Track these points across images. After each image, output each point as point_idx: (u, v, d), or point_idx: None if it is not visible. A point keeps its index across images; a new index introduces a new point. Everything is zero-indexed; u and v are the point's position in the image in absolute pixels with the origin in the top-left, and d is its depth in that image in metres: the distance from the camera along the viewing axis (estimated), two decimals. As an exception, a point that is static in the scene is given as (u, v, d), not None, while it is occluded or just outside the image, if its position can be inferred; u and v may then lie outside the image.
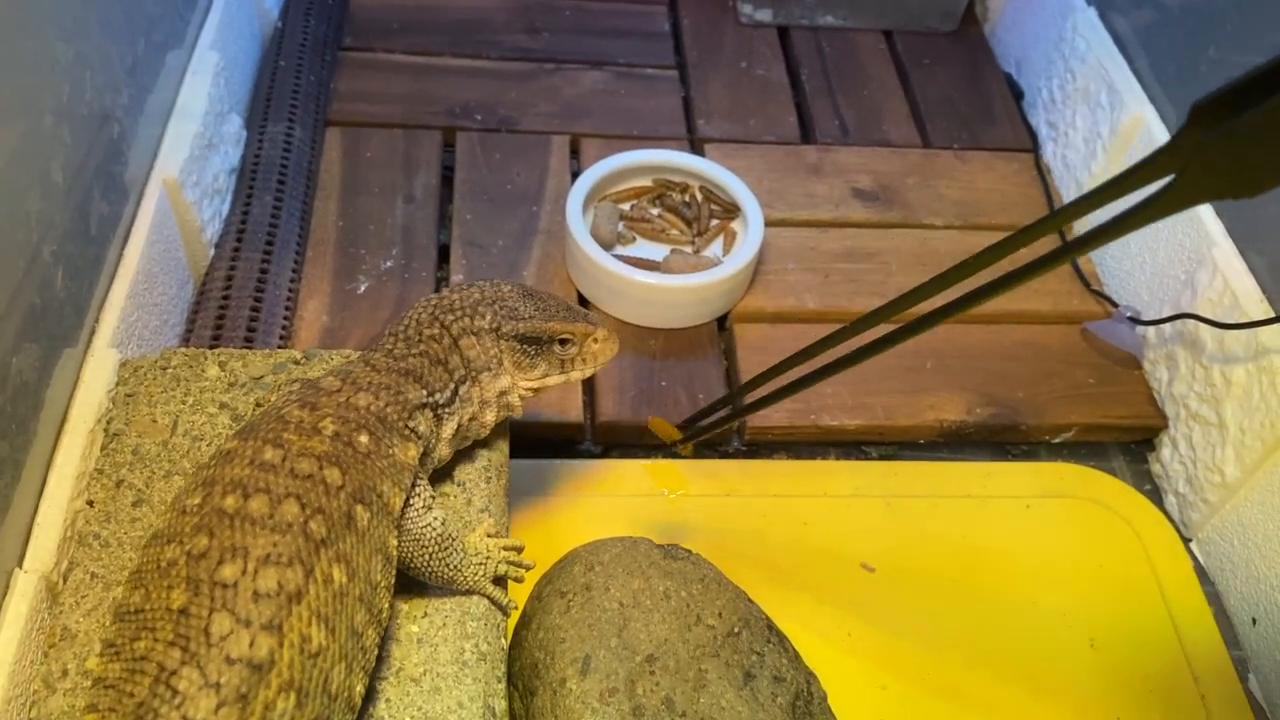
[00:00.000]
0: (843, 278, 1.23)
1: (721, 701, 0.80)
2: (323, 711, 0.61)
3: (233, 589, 0.59)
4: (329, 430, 0.68)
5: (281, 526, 0.62)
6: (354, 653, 0.64)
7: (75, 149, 0.86)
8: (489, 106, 1.38)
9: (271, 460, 0.65)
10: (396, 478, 0.71)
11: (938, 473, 1.09)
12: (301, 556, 0.61)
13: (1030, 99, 1.48)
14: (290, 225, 1.19)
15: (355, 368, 0.76)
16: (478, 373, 0.80)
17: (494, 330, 0.80)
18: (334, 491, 0.65)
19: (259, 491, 0.63)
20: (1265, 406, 0.98)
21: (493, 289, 0.83)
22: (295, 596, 0.60)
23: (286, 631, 0.59)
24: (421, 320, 0.79)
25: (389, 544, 0.69)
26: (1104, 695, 0.93)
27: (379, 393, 0.73)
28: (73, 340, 0.86)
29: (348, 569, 0.64)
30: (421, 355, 0.77)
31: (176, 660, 0.57)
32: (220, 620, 0.58)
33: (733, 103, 1.44)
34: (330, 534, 0.64)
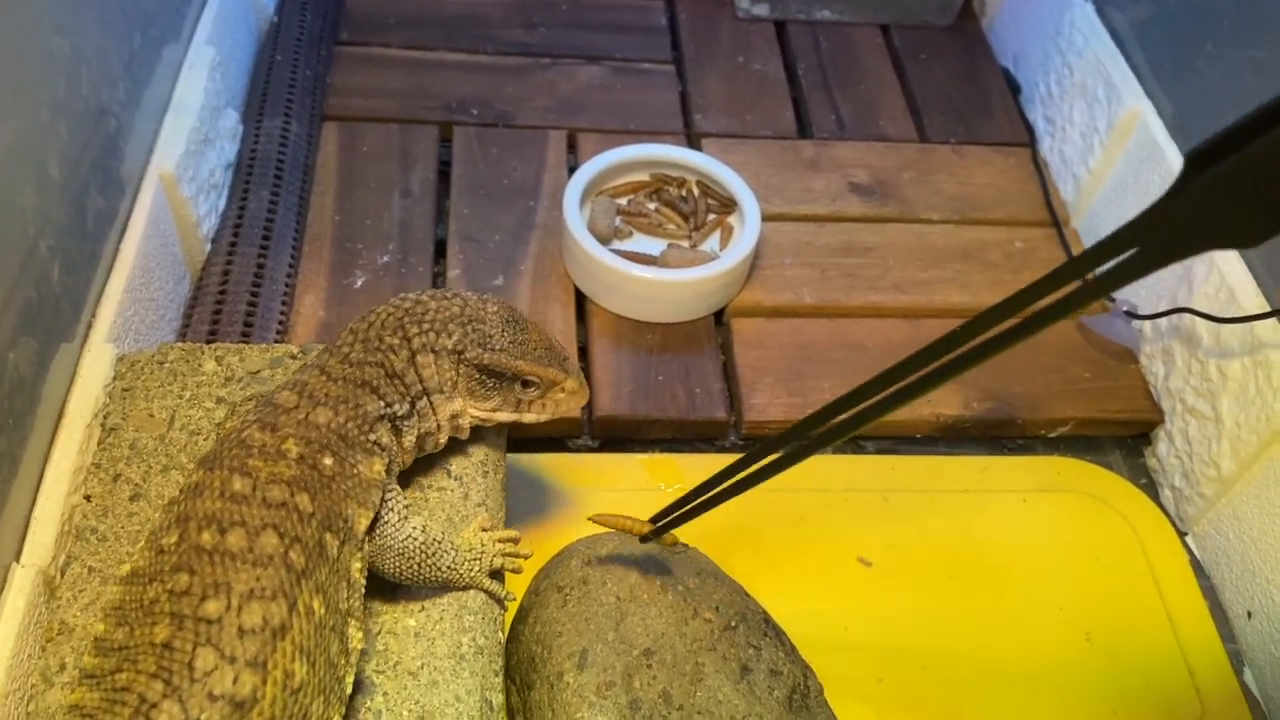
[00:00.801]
0: (840, 272, 1.23)
1: (718, 695, 0.80)
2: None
3: (217, 624, 0.58)
4: (293, 453, 0.67)
5: (262, 560, 0.61)
6: (331, 684, 0.63)
7: (71, 144, 0.86)
8: (486, 101, 1.38)
9: (242, 491, 0.64)
10: (362, 498, 0.69)
11: (934, 467, 1.09)
12: (285, 589, 0.61)
13: (1027, 93, 1.48)
14: (287, 220, 1.19)
15: (310, 377, 0.72)
16: (431, 393, 0.77)
17: (456, 352, 0.76)
18: (306, 519, 0.64)
19: (235, 525, 0.62)
20: (1261, 401, 0.98)
21: (477, 305, 0.78)
22: (280, 631, 0.59)
23: (271, 668, 0.58)
24: (386, 324, 0.75)
25: (353, 569, 0.67)
26: (1100, 689, 0.94)
27: (338, 407, 0.71)
28: (69, 335, 0.86)
29: (325, 600, 0.63)
30: (377, 366, 0.74)
31: (158, 693, 0.56)
32: (205, 656, 0.57)
33: (730, 97, 1.44)
34: (309, 564, 0.63)
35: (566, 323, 1.15)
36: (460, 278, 1.18)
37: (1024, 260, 1.27)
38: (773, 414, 1.09)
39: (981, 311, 0.55)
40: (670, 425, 1.09)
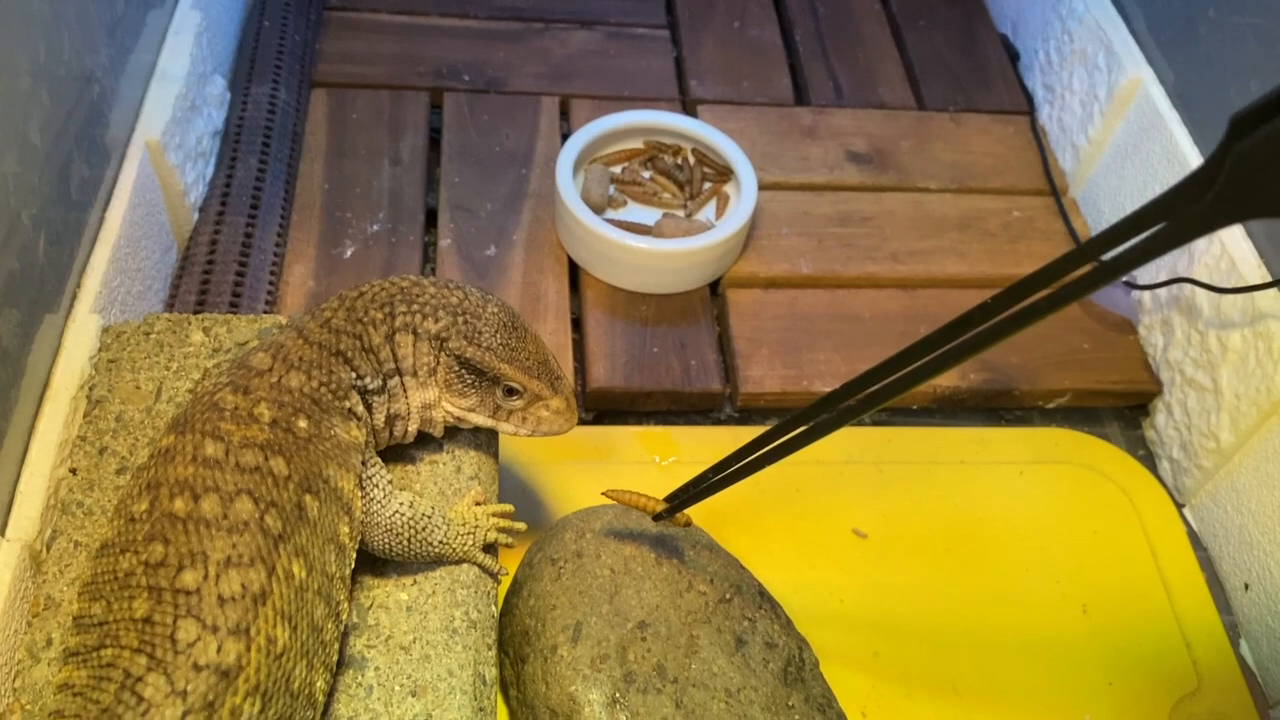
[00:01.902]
0: (837, 242, 1.22)
1: (713, 668, 0.79)
2: (285, 711, 0.60)
3: (196, 595, 0.57)
4: (266, 417, 0.65)
5: (238, 526, 0.60)
6: (314, 648, 0.62)
7: (54, 111, 0.84)
8: (477, 67, 1.36)
9: (214, 455, 0.63)
10: (342, 459, 0.68)
11: (931, 439, 1.09)
12: (262, 555, 0.60)
13: (1026, 61, 1.46)
14: (275, 189, 1.17)
15: (287, 338, 0.71)
16: (404, 374, 0.74)
17: (439, 339, 0.73)
18: (283, 483, 0.63)
19: (208, 491, 0.61)
20: (1261, 372, 0.97)
21: (478, 301, 0.76)
22: (260, 597, 0.58)
23: (254, 635, 0.57)
24: (376, 299, 0.73)
25: (340, 532, 0.66)
26: (1096, 660, 0.93)
27: (311, 372, 0.69)
28: (54, 306, 0.84)
29: (305, 563, 0.62)
30: (354, 337, 0.72)
31: (143, 667, 0.56)
32: (186, 627, 0.56)
33: (726, 64, 1.42)
34: (286, 528, 0.62)
35: (560, 294, 1.14)
36: (452, 247, 1.16)
37: (1022, 230, 1.26)
38: (768, 386, 1.09)
39: (1005, 288, 0.54)
40: (665, 397, 1.08)
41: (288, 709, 0.60)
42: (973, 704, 0.90)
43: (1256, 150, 0.41)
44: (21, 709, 0.67)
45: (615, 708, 0.76)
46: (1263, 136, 0.40)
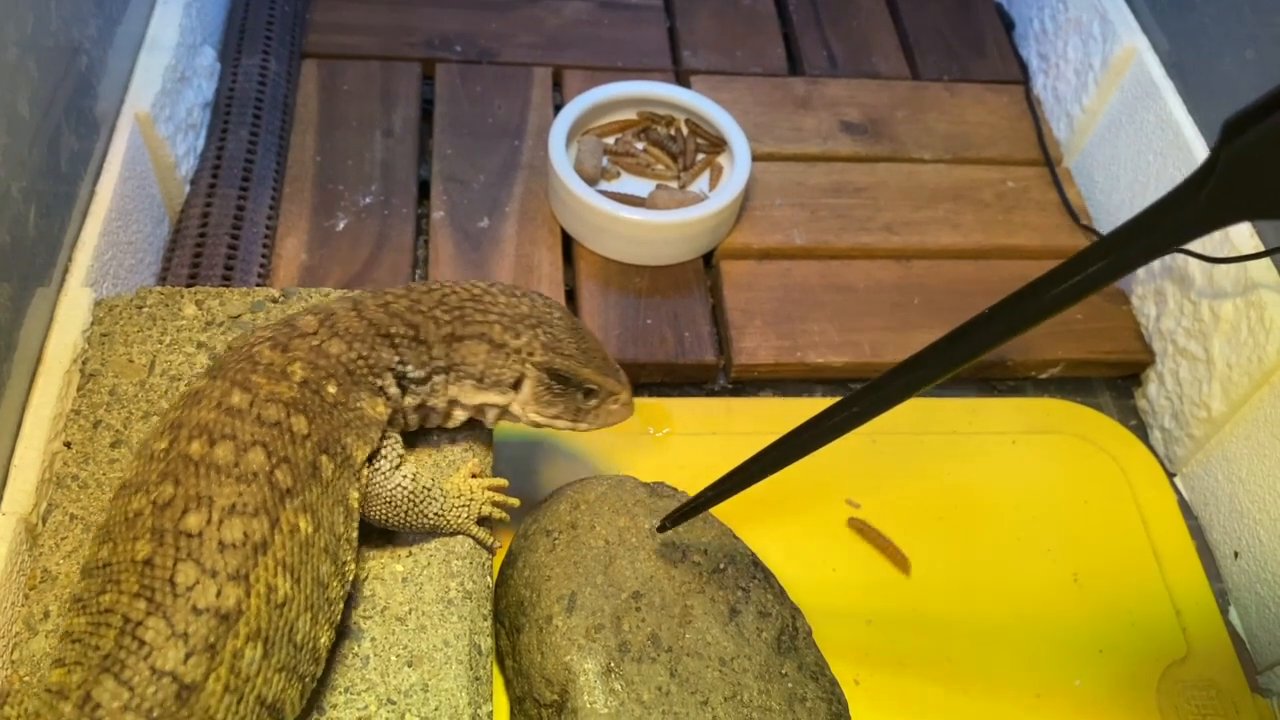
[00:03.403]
0: (830, 213, 1.22)
1: (707, 637, 0.80)
2: (289, 661, 0.61)
3: (198, 539, 0.58)
4: (298, 376, 0.67)
5: (247, 476, 0.61)
6: (319, 603, 0.63)
7: (43, 82, 0.83)
8: (469, 38, 1.35)
9: (238, 405, 0.64)
10: (362, 431, 0.69)
11: (924, 409, 1.09)
12: (267, 507, 0.61)
13: (1021, 30, 1.45)
14: (267, 161, 1.16)
15: (340, 308, 0.73)
16: (464, 377, 0.75)
17: (521, 353, 0.75)
18: (300, 440, 0.64)
19: (225, 438, 0.62)
20: (1253, 341, 0.98)
21: (542, 306, 0.78)
22: (261, 547, 0.60)
23: (253, 582, 0.59)
24: (445, 301, 0.75)
25: (350, 496, 0.68)
26: (1087, 628, 0.94)
27: (353, 343, 0.70)
28: (45, 279, 0.84)
29: (313, 519, 0.63)
30: (409, 326, 0.73)
31: (142, 611, 0.57)
32: (186, 570, 0.57)
33: (719, 33, 1.41)
34: (296, 484, 0.63)
35: (554, 265, 1.14)
36: (444, 219, 1.16)
37: (1016, 200, 1.26)
38: (762, 357, 1.09)
39: (1023, 288, 0.60)
40: (659, 369, 1.08)
41: (291, 659, 0.61)
42: (964, 671, 0.91)
43: (1248, 152, 0.41)
44: (20, 680, 0.68)
45: (610, 677, 0.76)
46: (1253, 139, 0.40)
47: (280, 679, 0.61)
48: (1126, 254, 0.50)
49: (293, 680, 0.62)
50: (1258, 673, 0.95)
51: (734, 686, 0.78)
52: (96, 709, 0.54)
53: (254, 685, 0.59)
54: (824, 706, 0.80)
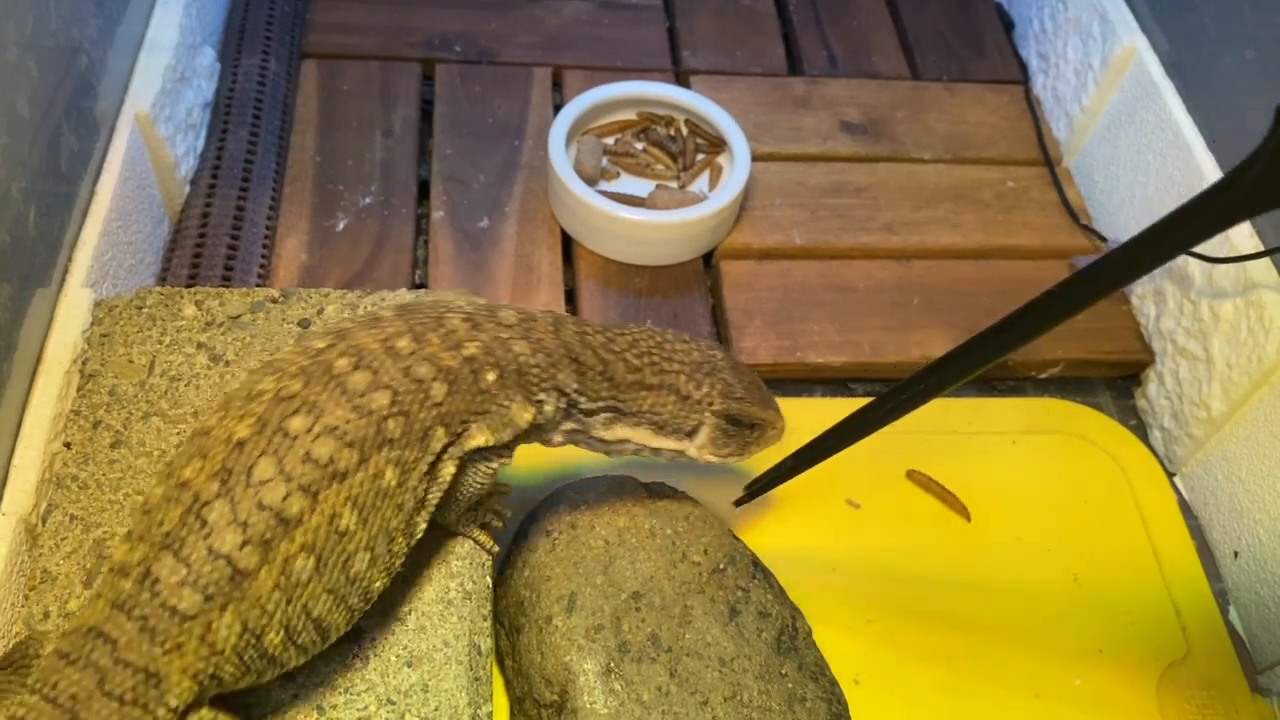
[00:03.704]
0: (830, 213, 1.22)
1: (707, 637, 0.80)
2: (339, 588, 0.63)
3: (290, 441, 0.61)
4: (468, 352, 0.68)
5: (363, 410, 0.63)
6: (381, 551, 0.65)
7: (42, 82, 0.83)
8: (469, 38, 1.35)
9: (400, 349, 0.66)
10: (494, 424, 0.69)
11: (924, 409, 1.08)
12: (364, 445, 0.63)
13: (1021, 29, 1.45)
14: (267, 161, 1.16)
15: (541, 318, 0.73)
16: (644, 423, 0.77)
17: (701, 403, 0.77)
18: (428, 405, 0.66)
19: (368, 369, 0.64)
20: (1253, 341, 0.98)
21: (707, 351, 0.80)
22: (340, 475, 0.62)
23: (321, 501, 0.61)
24: (636, 346, 0.76)
25: (444, 471, 0.68)
26: (1087, 628, 0.94)
27: (537, 352, 0.71)
28: (45, 280, 0.84)
29: (400, 475, 0.65)
30: (601, 362, 0.74)
31: (213, 492, 0.59)
32: (265, 466, 0.60)
33: (719, 33, 1.41)
34: (401, 439, 0.64)
35: (553, 265, 1.14)
36: (444, 219, 1.16)
37: (1016, 200, 1.26)
38: (762, 357, 1.09)
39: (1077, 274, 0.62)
40: (659, 368, 1.08)
41: (342, 587, 0.63)
42: (964, 671, 0.91)
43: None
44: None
45: (610, 677, 0.76)
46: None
47: (328, 600, 0.63)
48: (1178, 236, 0.51)
49: (340, 607, 0.64)
50: (1257, 672, 0.95)
51: (734, 687, 0.78)
52: (155, 583, 0.58)
53: (302, 594, 0.61)
54: (824, 706, 0.80)
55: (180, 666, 0.58)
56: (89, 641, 0.57)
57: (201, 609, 0.58)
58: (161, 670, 0.57)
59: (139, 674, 0.57)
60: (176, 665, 0.58)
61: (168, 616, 0.57)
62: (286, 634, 0.61)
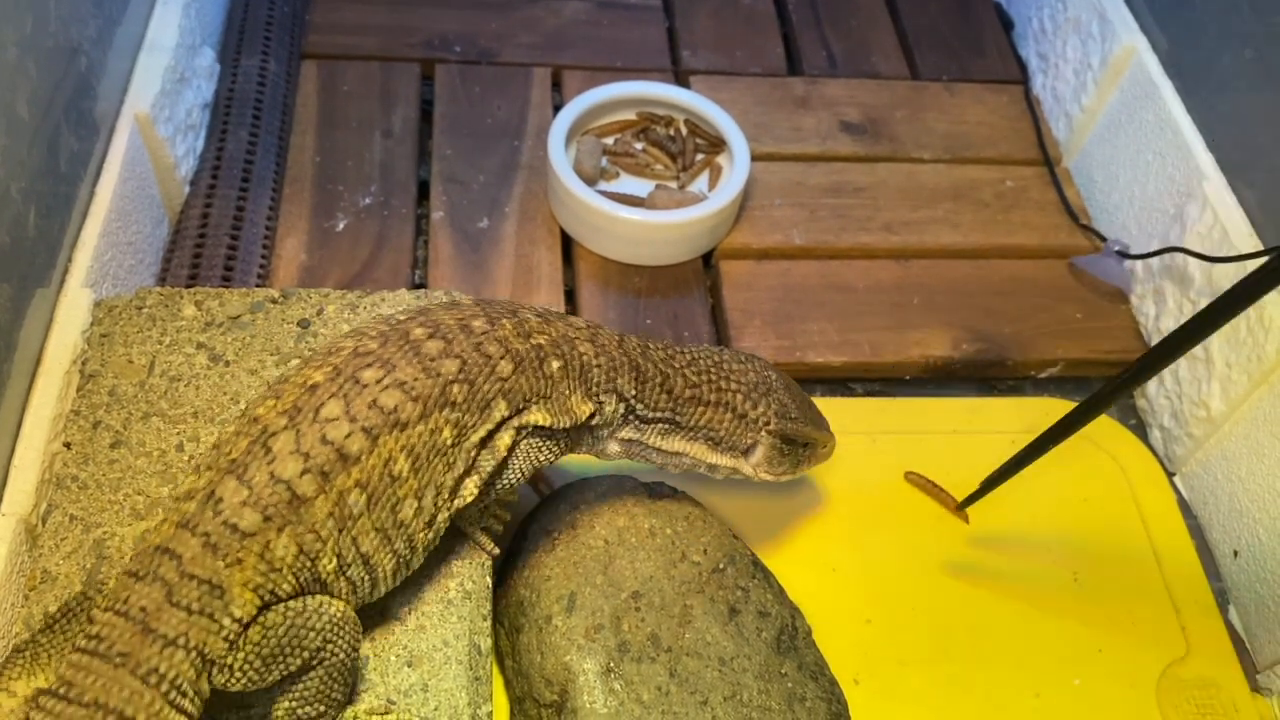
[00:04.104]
0: (830, 213, 1.22)
1: (706, 637, 0.80)
2: (387, 528, 0.67)
3: (360, 389, 0.65)
4: (536, 341, 0.72)
5: (432, 372, 0.67)
6: (429, 503, 0.68)
7: (41, 83, 0.83)
8: (468, 38, 1.35)
9: (474, 328, 0.70)
10: (553, 409, 0.73)
11: (923, 409, 1.09)
12: (427, 402, 0.67)
13: (1020, 29, 1.45)
14: (266, 161, 1.16)
15: (606, 329, 0.77)
16: (700, 438, 0.80)
17: (758, 423, 0.81)
18: (493, 379, 0.69)
19: (442, 339, 0.69)
20: (1252, 340, 0.98)
21: (762, 370, 0.83)
22: (400, 425, 0.66)
23: (379, 445, 0.65)
24: (695, 363, 0.80)
25: (500, 443, 0.71)
26: (1086, 627, 0.94)
27: (600, 355, 0.74)
28: (45, 280, 0.84)
29: (457, 436, 0.69)
30: (660, 375, 0.77)
31: (281, 425, 0.64)
32: (333, 406, 0.65)
33: (718, 33, 1.41)
34: (463, 404, 0.68)
35: (553, 266, 1.14)
36: (444, 220, 1.16)
37: (1015, 200, 1.26)
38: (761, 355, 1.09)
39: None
40: (658, 368, 1.08)
41: (390, 528, 0.67)
42: (964, 670, 0.91)
43: None
44: None
45: (609, 677, 0.76)
46: None
47: (376, 539, 0.66)
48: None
49: (387, 548, 0.67)
50: (1257, 671, 0.96)
51: (734, 686, 0.78)
52: (219, 503, 0.62)
53: (353, 527, 0.65)
54: (823, 706, 0.80)
55: (241, 580, 0.61)
56: (156, 558, 0.61)
57: (260, 528, 0.62)
58: (224, 582, 0.61)
59: (204, 585, 0.60)
60: (238, 578, 0.61)
61: (229, 533, 0.61)
62: (338, 562, 0.65)
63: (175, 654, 0.59)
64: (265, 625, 0.62)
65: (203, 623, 0.60)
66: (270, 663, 0.62)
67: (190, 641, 0.59)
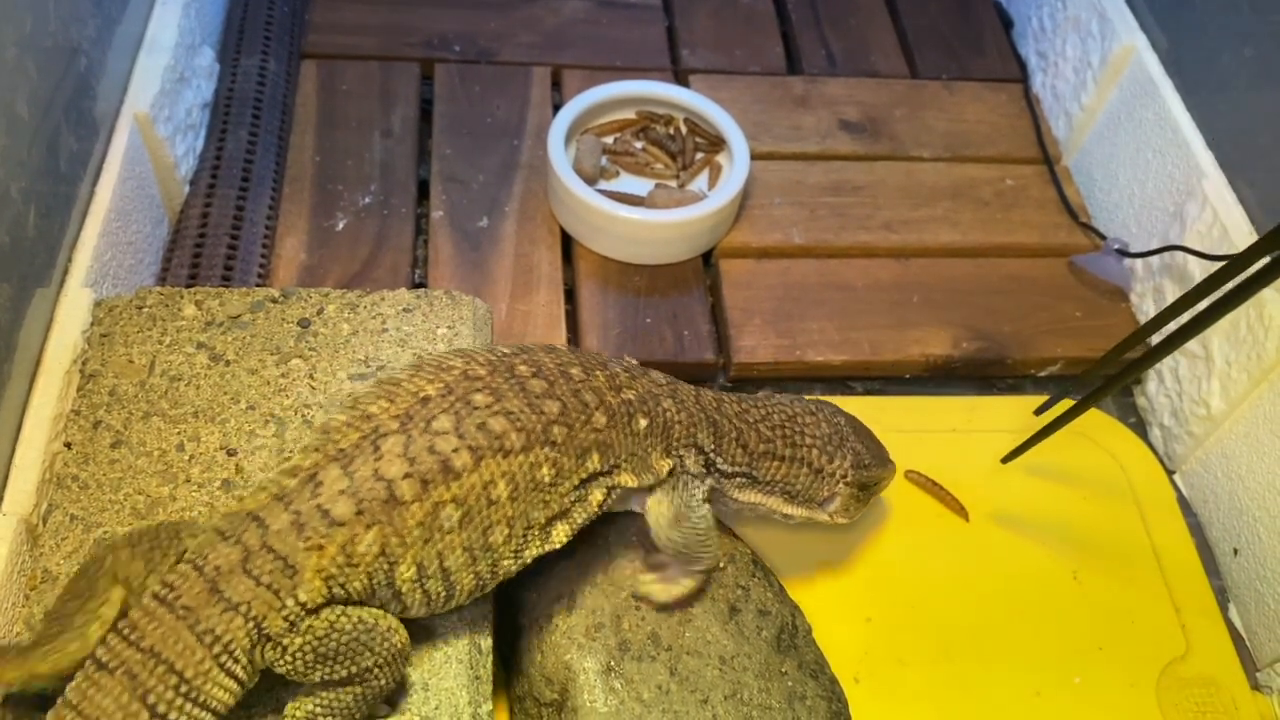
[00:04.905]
0: (829, 212, 1.22)
1: (707, 635, 0.80)
2: (475, 549, 0.68)
3: (470, 410, 0.68)
4: (626, 396, 0.74)
5: (537, 409, 0.70)
6: (519, 532, 0.70)
7: (41, 83, 0.83)
8: (468, 37, 1.35)
9: (573, 375, 0.73)
10: (636, 468, 0.75)
11: (923, 407, 1.09)
12: (531, 436, 0.69)
13: (1020, 28, 1.45)
14: (266, 161, 1.16)
15: (686, 386, 0.80)
16: (777, 492, 0.82)
17: (839, 475, 0.83)
18: (588, 429, 0.71)
19: (544, 379, 0.71)
20: (1252, 339, 0.98)
21: (832, 418, 0.85)
22: (505, 451, 0.67)
23: (483, 466, 0.67)
24: (769, 418, 0.82)
25: (594, 496, 0.73)
26: (1087, 626, 0.94)
27: (681, 411, 0.77)
28: (45, 280, 0.84)
29: (555, 476, 0.70)
30: (735, 429, 0.79)
31: (393, 428, 0.66)
32: (445, 420, 0.67)
33: (718, 32, 1.41)
34: (563, 445, 0.70)
35: (553, 265, 1.14)
36: (444, 219, 1.16)
37: (1015, 198, 1.26)
38: (761, 355, 1.09)
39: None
40: (659, 368, 1.08)
41: (478, 549, 0.68)
42: (964, 669, 0.91)
43: None
44: None
45: (610, 676, 0.77)
46: None
47: (462, 557, 0.67)
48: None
49: (469, 569, 0.68)
50: (1257, 670, 0.96)
51: (734, 685, 0.78)
52: (318, 486, 0.64)
53: (441, 541, 0.66)
54: (824, 704, 0.81)
55: (316, 565, 0.62)
56: (245, 523, 0.62)
57: (350, 519, 0.63)
58: (299, 564, 0.62)
59: (279, 561, 0.61)
60: (313, 563, 0.62)
61: (319, 517, 0.62)
62: (417, 572, 0.66)
63: (234, 620, 0.60)
64: (333, 624, 0.63)
65: (267, 597, 0.61)
66: (321, 661, 0.62)
67: (251, 611, 0.60)
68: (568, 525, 0.73)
